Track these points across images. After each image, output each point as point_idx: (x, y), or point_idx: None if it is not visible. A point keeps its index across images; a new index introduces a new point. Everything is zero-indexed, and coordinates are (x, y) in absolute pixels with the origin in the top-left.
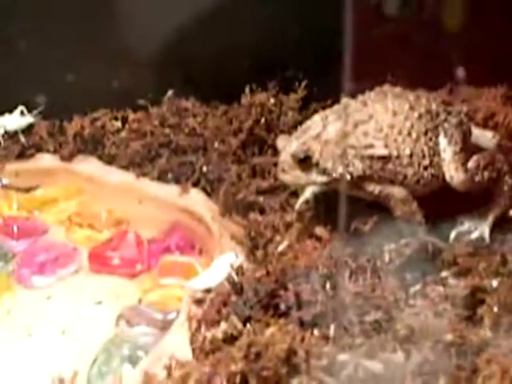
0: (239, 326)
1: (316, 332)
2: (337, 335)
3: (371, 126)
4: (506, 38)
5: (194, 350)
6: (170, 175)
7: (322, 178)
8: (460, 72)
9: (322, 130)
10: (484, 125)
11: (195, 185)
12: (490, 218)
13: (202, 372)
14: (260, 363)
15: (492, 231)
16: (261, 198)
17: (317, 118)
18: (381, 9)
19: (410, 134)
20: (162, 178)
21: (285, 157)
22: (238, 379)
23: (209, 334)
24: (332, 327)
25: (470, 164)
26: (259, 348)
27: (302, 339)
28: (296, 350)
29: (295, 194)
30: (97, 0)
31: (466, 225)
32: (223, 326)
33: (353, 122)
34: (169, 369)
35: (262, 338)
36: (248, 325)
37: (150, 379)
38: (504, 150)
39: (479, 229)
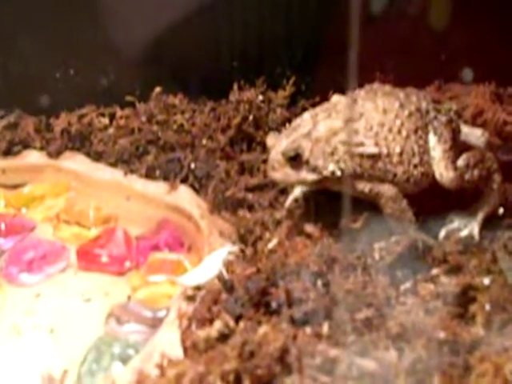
0: (232, 324)
1: (308, 330)
2: (329, 333)
3: (361, 124)
4: (494, 36)
5: (186, 349)
6: (158, 172)
7: (313, 176)
8: (449, 69)
9: (312, 127)
10: (473, 122)
11: (183, 182)
12: (480, 216)
13: (196, 371)
14: (254, 362)
15: (481, 229)
16: (250, 195)
17: (307, 115)
18: (369, 7)
19: (400, 132)
20: (149, 174)
21: (275, 155)
22: (231, 378)
23: (202, 333)
24: (325, 325)
25: (460, 162)
26: (253, 347)
27: (295, 337)
28: (289, 348)
29: (284, 191)
30: None
31: (456, 222)
32: (218, 324)
33: (343, 119)
34: (161, 367)
35: (255, 337)
36: (240, 323)
37: (144, 378)
38: (493, 147)
39: (469, 226)
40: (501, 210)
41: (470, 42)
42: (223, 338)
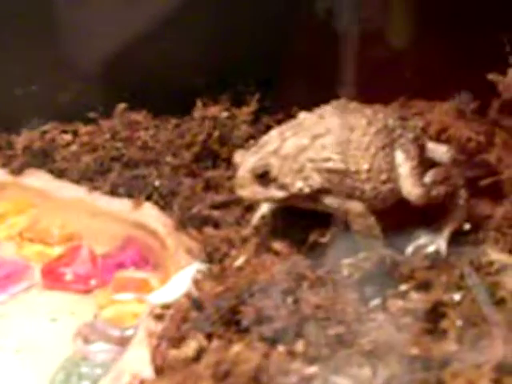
0: (204, 343)
1: (281, 348)
2: (302, 350)
3: (329, 140)
4: (457, 53)
5: (156, 368)
6: (122, 189)
7: (281, 193)
8: (412, 86)
9: (280, 144)
10: (437, 138)
11: (148, 199)
12: (446, 232)
13: None
14: (229, 381)
15: (448, 244)
16: (215, 212)
17: (274, 133)
18: (330, 24)
19: (367, 149)
20: (114, 192)
21: (243, 172)
22: None
23: (180, 353)
24: (298, 343)
25: (427, 179)
26: (227, 366)
27: (268, 355)
28: (264, 367)
29: (250, 208)
30: (45, 12)
31: (423, 238)
32: (193, 344)
33: (310, 135)
34: None
35: (228, 356)
36: (213, 342)
37: None
38: (458, 163)
39: (436, 242)
40: (467, 226)
41: (433, 59)
42: (195, 356)
